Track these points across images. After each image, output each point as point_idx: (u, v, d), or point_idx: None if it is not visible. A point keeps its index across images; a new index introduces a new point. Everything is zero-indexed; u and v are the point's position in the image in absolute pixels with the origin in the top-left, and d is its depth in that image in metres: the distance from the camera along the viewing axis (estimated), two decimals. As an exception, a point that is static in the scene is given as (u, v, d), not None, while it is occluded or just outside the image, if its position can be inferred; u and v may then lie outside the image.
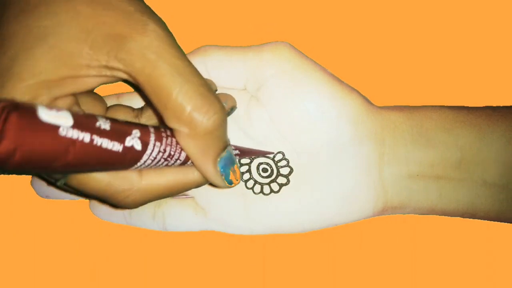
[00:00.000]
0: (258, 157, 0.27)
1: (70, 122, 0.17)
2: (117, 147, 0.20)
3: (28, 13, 0.21)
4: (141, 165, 0.21)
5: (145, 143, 0.21)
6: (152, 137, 0.21)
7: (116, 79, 0.22)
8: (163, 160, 0.22)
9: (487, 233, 0.28)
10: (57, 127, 0.17)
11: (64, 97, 0.21)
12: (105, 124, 0.19)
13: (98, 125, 0.19)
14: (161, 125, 0.24)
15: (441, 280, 0.28)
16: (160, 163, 0.22)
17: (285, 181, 0.27)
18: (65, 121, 0.17)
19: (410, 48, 0.29)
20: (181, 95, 0.20)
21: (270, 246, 0.29)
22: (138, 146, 0.21)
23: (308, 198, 0.26)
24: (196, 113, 0.20)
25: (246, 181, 0.27)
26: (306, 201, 0.27)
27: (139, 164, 0.21)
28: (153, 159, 0.21)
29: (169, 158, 0.22)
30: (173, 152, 0.22)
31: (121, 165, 0.21)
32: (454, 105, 0.27)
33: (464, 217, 0.26)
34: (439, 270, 0.29)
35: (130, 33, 0.20)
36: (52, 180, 0.23)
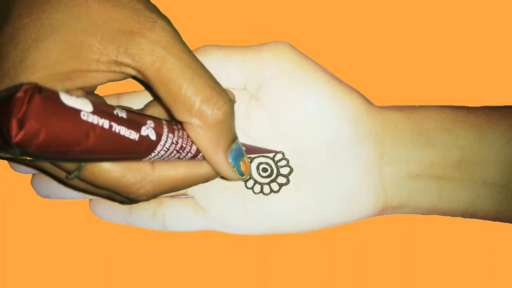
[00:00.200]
0: (258, 156, 0.27)
1: (90, 108, 0.18)
2: (133, 136, 0.20)
3: (39, 6, 0.21)
4: (155, 155, 0.21)
5: (159, 134, 0.21)
6: (165, 128, 0.21)
7: (124, 75, 0.22)
8: (175, 152, 0.22)
9: (487, 233, 0.28)
10: (79, 111, 0.17)
11: (75, 90, 0.22)
12: (121, 113, 0.19)
13: (115, 113, 0.19)
14: (170, 120, 0.24)
15: (441, 280, 0.28)
16: (173, 155, 0.22)
17: (285, 181, 0.27)
18: (85, 106, 0.17)
19: (410, 48, 0.29)
20: (191, 88, 0.20)
21: (270, 246, 0.29)
22: (153, 136, 0.21)
23: (308, 198, 0.26)
24: (206, 104, 0.21)
25: (246, 181, 0.27)
26: (306, 201, 0.27)
27: (153, 154, 0.21)
28: (166, 150, 0.22)
29: (181, 150, 0.22)
30: (184, 145, 0.22)
31: (136, 154, 0.21)
32: (454, 105, 0.27)
33: (464, 217, 0.26)
34: (439, 270, 0.29)
35: (140, 29, 0.20)
36: (63, 175, 0.23)
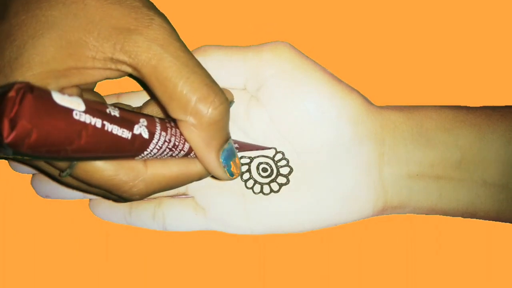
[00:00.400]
0: (258, 156, 0.27)
1: (83, 107, 0.18)
2: (126, 134, 0.20)
3: (36, 3, 0.21)
4: (148, 154, 0.21)
5: (151, 132, 0.21)
6: (158, 127, 0.21)
7: (120, 73, 0.22)
8: (168, 150, 0.22)
9: (487, 233, 0.28)
10: (71, 110, 0.17)
11: (70, 88, 0.22)
12: (114, 111, 0.19)
13: (108, 111, 0.19)
14: (165, 117, 0.24)
15: (441, 280, 0.28)
16: (165, 153, 0.22)
17: (285, 181, 0.27)
18: (77, 105, 0.17)
19: (410, 48, 0.29)
20: (187, 86, 0.20)
21: (270, 246, 0.29)
22: (146, 134, 0.21)
23: (308, 198, 0.26)
24: (202, 103, 0.21)
25: (246, 181, 0.27)
26: (306, 201, 0.27)
27: (145, 152, 0.21)
28: (159, 148, 0.22)
29: (173, 148, 0.22)
30: (177, 143, 0.22)
31: (129, 153, 0.21)
32: (454, 105, 0.27)
33: (464, 217, 0.26)
34: (439, 270, 0.29)
35: (137, 26, 0.20)
36: (56, 173, 0.23)
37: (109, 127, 0.19)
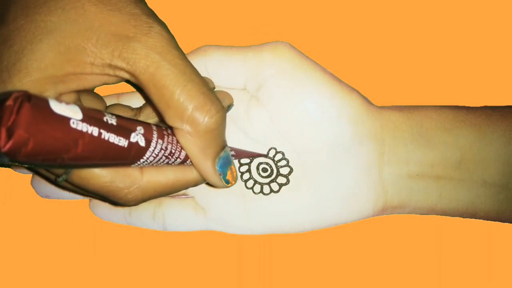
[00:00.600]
0: (257, 156, 0.27)
1: (80, 116, 0.18)
2: (123, 142, 0.20)
3: (35, 9, 0.21)
4: (144, 161, 0.22)
5: (148, 140, 0.21)
6: (155, 134, 0.22)
7: (118, 79, 0.22)
8: (164, 158, 0.22)
9: (487, 233, 0.28)
10: (68, 119, 0.17)
11: (68, 94, 0.22)
12: (111, 120, 0.19)
13: (105, 120, 0.19)
14: (161, 124, 0.24)
15: (441, 280, 0.28)
16: (161, 160, 0.22)
17: (285, 181, 0.27)
18: (75, 114, 0.17)
19: (410, 48, 0.29)
20: (184, 94, 0.20)
21: (270, 246, 0.29)
22: (142, 142, 0.21)
23: (308, 198, 0.26)
24: (198, 112, 0.21)
25: (246, 181, 0.27)
26: (306, 201, 0.27)
27: (142, 160, 0.21)
28: (155, 156, 0.22)
29: (170, 156, 0.22)
30: (173, 150, 0.22)
31: (125, 161, 0.21)
32: (454, 105, 0.27)
33: (464, 217, 0.26)
34: (439, 270, 0.29)
35: (135, 33, 0.20)
36: (53, 177, 0.23)
37: (105, 135, 0.19)
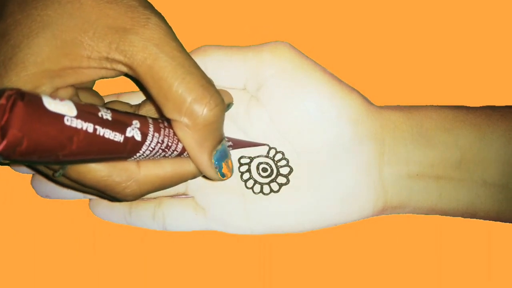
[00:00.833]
0: (258, 156, 0.27)
1: (74, 112, 0.18)
2: (118, 138, 0.20)
3: (32, 3, 0.21)
4: (140, 155, 0.21)
5: (144, 134, 0.21)
6: (151, 128, 0.21)
7: (116, 72, 0.22)
8: (161, 151, 0.22)
9: (487, 233, 0.28)
10: (62, 116, 0.17)
11: (65, 88, 0.21)
12: (106, 115, 0.19)
13: (100, 115, 0.19)
14: (159, 117, 0.24)
15: (441, 280, 0.28)
16: (158, 154, 0.22)
17: (285, 181, 0.27)
18: (69, 111, 0.17)
19: (410, 48, 0.29)
20: (182, 86, 0.20)
21: (270, 246, 0.29)
22: (138, 136, 0.21)
23: (308, 198, 0.26)
24: (197, 104, 0.21)
25: (246, 181, 0.27)
26: (306, 201, 0.27)
27: (138, 154, 0.21)
28: (151, 149, 0.22)
29: (166, 149, 0.22)
30: (170, 143, 0.22)
31: (121, 155, 0.21)
32: (454, 105, 0.27)
33: (464, 217, 0.26)
34: (439, 270, 0.29)
35: (133, 25, 0.20)
36: (51, 172, 0.23)
37: (101, 131, 0.19)
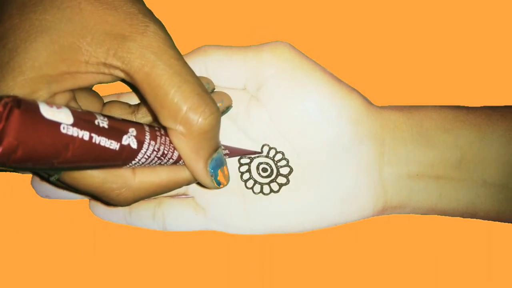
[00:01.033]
0: (258, 156, 0.27)
1: (71, 120, 0.18)
2: (114, 146, 0.20)
3: (31, 7, 0.21)
4: (136, 163, 0.22)
5: (140, 142, 0.21)
6: (147, 136, 0.21)
7: (113, 78, 0.22)
8: (156, 159, 0.22)
9: (487, 233, 0.28)
10: (58, 124, 0.17)
11: (62, 93, 0.21)
12: (103, 122, 0.19)
13: (96, 123, 0.19)
14: (155, 123, 0.24)
15: (441, 280, 0.28)
16: (154, 161, 0.22)
17: (285, 181, 0.27)
18: (65, 118, 0.17)
19: (410, 48, 0.29)
20: (178, 95, 0.20)
21: (270, 246, 0.29)
22: (134, 144, 0.21)
23: (308, 198, 0.26)
24: (192, 112, 0.21)
25: (246, 181, 0.27)
26: (306, 201, 0.27)
27: (133, 162, 0.21)
28: (147, 157, 0.22)
29: (162, 157, 0.22)
30: (166, 151, 0.22)
31: (116, 163, 0.21)
32: (454, 105, 0.27)
33: (464, 217, 0.26)
34: (439, 270, 0.29)
35: (131, 32, 0.20)
36: (47, 176, 0.23)
37: (96, 139, 0.19)
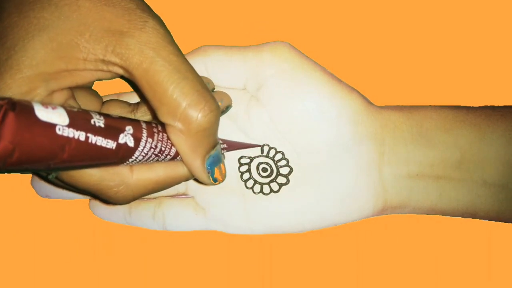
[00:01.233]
0: (258, 156, 0.27)
1: (66, 121, 0.18)
2: (111, 145, 0.20)
3: (29, 5, 0.21)
4: (133, 161, 0.22)
5: (137, 139, 0.21)
6: (144, 133, 0.21)
7: (112, 74, 0.22)
8: (154, 156, 0.22)
9: (487, 233, 0.28)
10: (53, 126, 0.17)
11: (60, 91, 0.21)
12: (99, 121, 0.19)
13: (92, 122, 0.19)
14: (154, 120, 0.24)
15: (441, 280, 0.28)
16: (151, 158, 0.22)
17: (285, 181, 0.27)
18: (61, 119, 0.17)
19: (410, 48, 0.29)
20: (177, 91, 0.20)
21: (270, 246, 0.29)
22: (131, 142, 0.21)
23: (308, 198, 0.26)
24: (191, 109, 0.21)
25: (246, 181, 0.27)
26: (306, 201, 0.27)
27: (131, 160, 0.21)
28: (144, 155, 0.22)
29: (159, 154, 0.22)
30: (163, 148, 0.22)
31: (113, 161, 0.21)
32: (454, 105, 0.27)
33: (464, 217, 0.26)
34: (439, 270, 0.29)
35: (129, 28, 0.20)
36: (45, 174, 0.23)
37: (93, 139, 0.19)
